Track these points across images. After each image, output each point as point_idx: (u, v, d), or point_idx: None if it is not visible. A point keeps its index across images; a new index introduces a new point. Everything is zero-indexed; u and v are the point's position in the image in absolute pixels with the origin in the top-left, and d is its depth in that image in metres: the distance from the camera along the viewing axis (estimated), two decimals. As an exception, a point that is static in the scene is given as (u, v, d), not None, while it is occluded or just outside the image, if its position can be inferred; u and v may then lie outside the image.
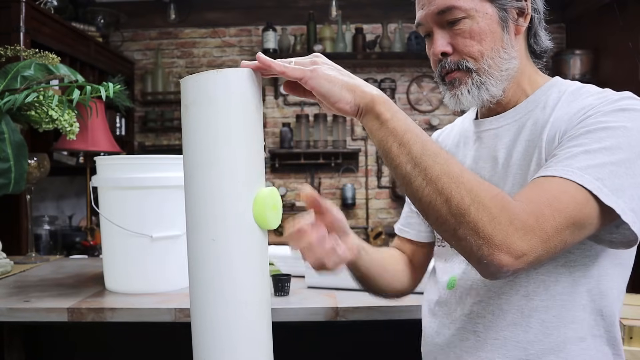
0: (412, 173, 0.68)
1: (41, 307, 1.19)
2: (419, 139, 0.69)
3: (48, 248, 2.85)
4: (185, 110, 0.69)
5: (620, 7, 3.20)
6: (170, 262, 1.33)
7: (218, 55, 4.18)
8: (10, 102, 1.32)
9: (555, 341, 0.78)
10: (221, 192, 0.68)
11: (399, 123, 0.70)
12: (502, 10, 0.83)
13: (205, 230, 0.68)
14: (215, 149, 0.67)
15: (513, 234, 0.64)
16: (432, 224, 0.71)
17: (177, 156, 1.35)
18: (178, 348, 1.36)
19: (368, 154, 4.13)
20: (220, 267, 0.68)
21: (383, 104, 0.71)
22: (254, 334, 0.70)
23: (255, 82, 0.70)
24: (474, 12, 0.83)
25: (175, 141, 4.16)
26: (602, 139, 0.71)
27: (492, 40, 0.83)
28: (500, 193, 0.68)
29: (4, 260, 1.57)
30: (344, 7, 3.92)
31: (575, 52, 3.62)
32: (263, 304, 0.72)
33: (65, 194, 3.63)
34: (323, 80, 0.69)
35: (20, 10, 2.45)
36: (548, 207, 0.66)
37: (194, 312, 0.71)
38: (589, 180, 0.68)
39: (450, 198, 0.66)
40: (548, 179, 0.70)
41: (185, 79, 0.70)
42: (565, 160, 0.71)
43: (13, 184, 1.40)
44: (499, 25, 0.84)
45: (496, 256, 0.64)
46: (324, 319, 1.18)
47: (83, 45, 3.20)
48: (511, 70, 0.85)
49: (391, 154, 0.70)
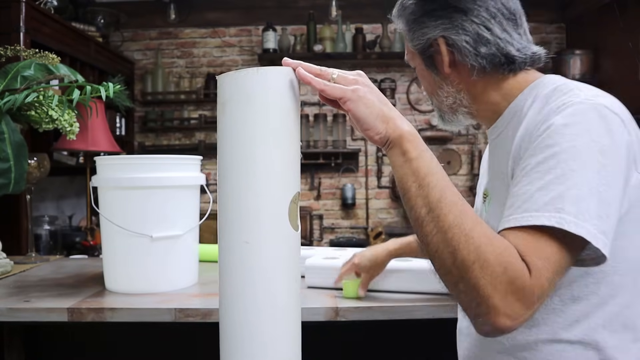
0: (425, 218, 0.68)
1: (41, 307, 1.19)
2: (439, 184, 0.69)
3: (48, 248, 2.85)
4: (222, 108, 0.68)
5: (620, 7, 3.20)
6: (170, 262, 1.33)
7: (218, 55, 4.18)
8: (10, 102, 1.32)
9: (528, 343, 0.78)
10: (255, 192, 0.66)
11: (423, 163, 0.70)
12: (426, 58, 0.88)
13: (238, 231, 0.67)
14: (252, 148, 0.66)
15: (512, 295, 0.64)
16: (436, 270, 0.70)
17: (177, 156, 1.35)
18: (178, 348, 1.37)
19: (368, 154, 4.13)
20: (252, 270, 0.66)
21: (412, 141, 0.71)
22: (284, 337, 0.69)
23: (294, 83, 0.69)
24: (413, 63, 0.93)
25: (175, 141, 4.16)
26: (552, 168, 0.68)
27: (428, 83, 0.91)
28: (508, 249, 0.66)
29: (4, 260, 1.57)
30: (344, 7, 3.92)
31: (575, 52, 3.62)
32: (293, 306, 0.70)
33: (65, 194, 3.63)
34: (362, 105, 0.71)
35: (20, 10, 2.45)
36: (538, 259, 0.65)
37: (223, 314, 0.69)
38: (550, 216, 0.66)
39: (457, 251, 0.65)
40: (520, 230, 0.68)
41: (222, 76, 0.68)
42: (526, 204, 0.68)
43: (13, 184, 1.40)
44: (425, 69, 0.90)
45: (492, 317, 0.64)
46: (324, 319, 1.18)
47: (83, 45, 3.20)
48: (460, 101, 0.88)
49: (409, 193, 0.70)
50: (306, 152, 3.94)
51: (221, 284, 0.69)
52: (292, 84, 0.69)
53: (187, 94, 4.07)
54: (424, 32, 0.86)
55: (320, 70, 0.73)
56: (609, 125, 0.70)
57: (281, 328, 0.68)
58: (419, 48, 0.88)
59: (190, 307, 1.17)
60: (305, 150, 3.93)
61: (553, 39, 4.03)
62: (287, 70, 0.68)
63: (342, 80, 0.72)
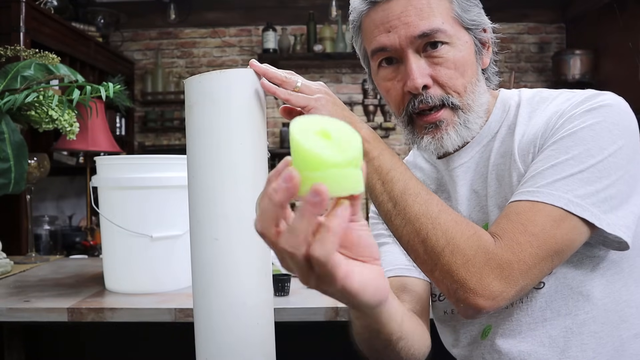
0: (392, 212, 0.69)
1: (41, 307, 1.19)
2: (402, 178, 0.70)
3: (48, 248, 2.85)
4: (189, 111, 0.70)
5: (620, 7, 3.20)
6: (170, 262, 1.33)
7: (218, 55, 4.18)
8: (10, 102, 1.32)
9: (613, 346, 0.74)
10: (223, 192, 0.68)
11: (384, 161, 0.71)
12: (476, 40, 0.78)
13: (208, 229, 0.68)
14: (218, 149, 0.67)
15: (488, 275, 0.64)
16: (414, 261, 0.71)
17: (177, 156, 1.35)
18: (178, 348, 1.37)
19: (368, 154, 4.13)
20: (222, 266, 0.68)
21: (371, 142, 0.72)
22: (256, 335, 0.70)
23: (258, 83, 0.70)
24: (456, 39, 0.75)
25: (175, 141, 4.16)
26: (569, 148, 0.68)
27: (472, 72, 0.77)
28: (477, 232, 0.66)
29: (4, 260, 1.57)
30: (344, 7, 3.91)
31: (575, 52, 3.62)
32: (265, 304, 0.71)
33: (65, 194, 3.63)
34: (325, 112, 0.70)
35: (20, 10, 2.45)
36: (523, 234, 0.65)
37: (197, 311, 0.71)
38: (558, 196, 0.66)
39: (427, 239, 0.66)
40: (518, 204, 0.68)
41: (189, 79, 0.70)
42: (532, 179, 0.69)
43: (13, 184, 1.40)
44: (474, 55, 0.78)
45: (471, 300, 0.64)
46: (324, 319, 1.18)
47: (83, 45, 3.20)
48: (485, 105, 0.80)
49: (375, 191, 0.71)
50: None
51: (194, 281, 0.71)
52: (256, 85, 0.70)
53: (187, 94, 4.07)
54: (480, 13, 0.79)
55: (285, 77, 0.72)
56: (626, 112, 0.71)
57: (253, 325, 0.69)
58: (474, 24, 0.78)
59: (190, 307, 1.17)
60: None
61: (553, 39, 4.03)
62: (250, 72, 0.69)
63: (306, 90, 0.72)
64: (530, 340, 0.77)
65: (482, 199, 0.82)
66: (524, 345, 0.77)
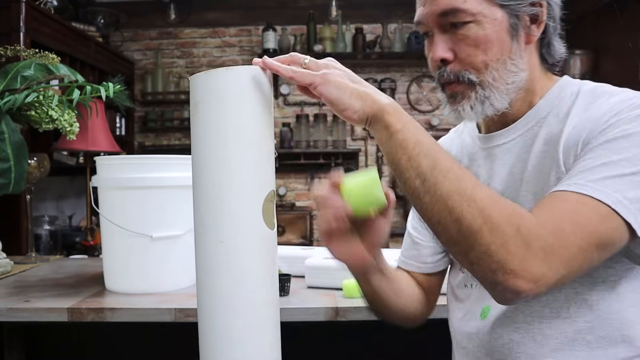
0: (420, 189, 0.64)
1: (41, 307, 1.19)
2: (430, 152, 0.64)
3: (48, 248, 2.85)
4: (194, 109, 0.68)
5: (620, 7, 3.20)
6: (170, 262, 1.33)
7: (218, 55, 4.18)
8: (10, 102, 1.32)
9: None
10: (229, 192, 0.66)
11: (409, 134, 0.65)
12: (514, 17, 0.76)
13: (214, 231, 0.67)
14: (225, 148, 0.66)
15: (530, 257, 0.59)
16: (444, 244, 0.66)
17: (177, 156, 1.35)
18: (178, 348, 1.37)
19: (368, 154, 4.13)
20: (228, 269, 0.66)
21: (393, 114, 0.66)
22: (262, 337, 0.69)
23: (265, 81, 0.69)
24: (482, 17, 0.74)
25: (175, 141, 4.16)
26: (623, 149, 0.66)
27: (499, 50, 0.76)
28: (517, 210, 0.62)
29: (4, 260, 1.57)
30: (344, 7, 3.92)
31: (575, 52, 3.62)
32: (271, 306, 0.70)
33: (65, 194, 3.63)
34: (332, 87, 0.66)
35: (20, 10, 2.45)
36: (569, 222, 0.62)
37: (201, 313, 0.70)
38: (607, 193, 0.63)
39: (461, 218, 0.61)
40: (565, 193, 0.65)
41: (194, 76, 0.68)
42: (581, 174, 0.66)
43: (13, 184, 1.40)
44: (507, 33, 0.76)
45: (511, 282, 0.60)
46: (324, 319, 1.18)
47: (83, 45, 3.20)
48: (519, 83, 0.78)
49: (400, 167, 0.65)
50: (306, 152, 3.94)
51: (198, 283, 0.70)
52: (263, 82, 0.68)
53: (187, 94, 4.07)
54: None
55: (291, 56, 0.70)
56: None
57: (259, 327, 0.68)
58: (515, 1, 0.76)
59: (190, 307, 1.17)
60: (305, 150, 3.93)
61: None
62: (256, 68, 0.68)
63: (313, 66, 0.69)
64: (523, 333, 0.77)
65: (517, 183, 0.80)
66: (515, 335, 0.77)
